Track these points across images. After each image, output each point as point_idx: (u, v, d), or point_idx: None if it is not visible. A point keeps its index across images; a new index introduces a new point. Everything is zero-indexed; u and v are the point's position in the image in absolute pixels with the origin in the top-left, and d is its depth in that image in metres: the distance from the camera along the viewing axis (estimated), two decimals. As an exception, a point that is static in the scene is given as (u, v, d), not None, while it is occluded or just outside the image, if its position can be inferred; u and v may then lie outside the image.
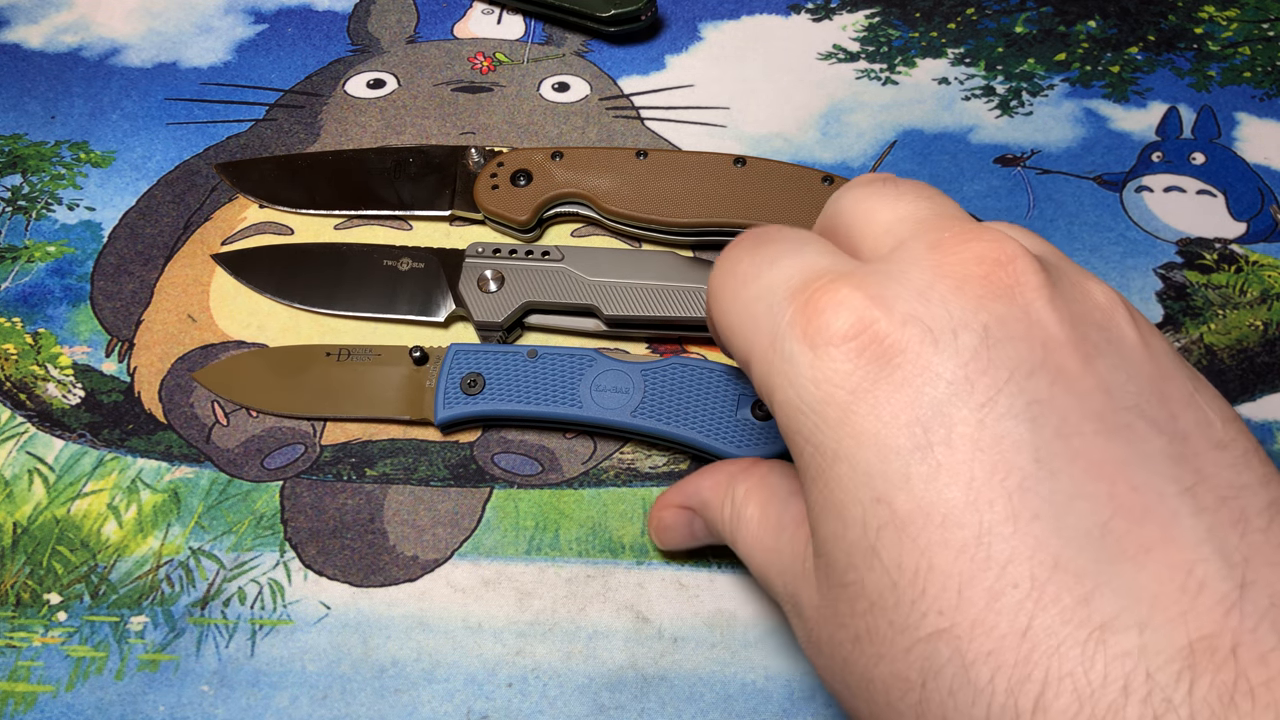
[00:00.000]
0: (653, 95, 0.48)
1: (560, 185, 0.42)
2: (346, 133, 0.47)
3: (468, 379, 0.36)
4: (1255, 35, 0.50)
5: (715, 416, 0.34)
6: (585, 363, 0.36)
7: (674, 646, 0.34)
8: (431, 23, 0.52)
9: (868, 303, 0.22)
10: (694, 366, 0.35)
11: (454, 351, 0.37)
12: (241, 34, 0.51)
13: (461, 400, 0.36)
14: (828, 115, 0.48)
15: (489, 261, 0.40)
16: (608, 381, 0.35)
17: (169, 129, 0.48)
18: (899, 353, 0.21)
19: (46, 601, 0.35)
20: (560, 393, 0.35)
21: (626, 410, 0.35)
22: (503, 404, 0.36)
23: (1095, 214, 0.44)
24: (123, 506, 0.37)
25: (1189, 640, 0.18)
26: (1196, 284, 0.42)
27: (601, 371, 0.35)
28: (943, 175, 0.45)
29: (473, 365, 0.37)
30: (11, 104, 0.49)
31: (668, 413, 0.35)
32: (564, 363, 0.36)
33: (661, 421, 0.34)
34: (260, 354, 0.39)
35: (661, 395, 0.35)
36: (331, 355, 0.38)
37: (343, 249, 0.42)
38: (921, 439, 0.20)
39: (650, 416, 0.35)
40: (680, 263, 0.40)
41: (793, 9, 0.52)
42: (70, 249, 0.44)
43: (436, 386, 0.37)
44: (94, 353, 0.41)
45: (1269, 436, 0.38)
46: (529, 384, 0.36)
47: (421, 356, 0.37)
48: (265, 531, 0.36)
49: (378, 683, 0.33)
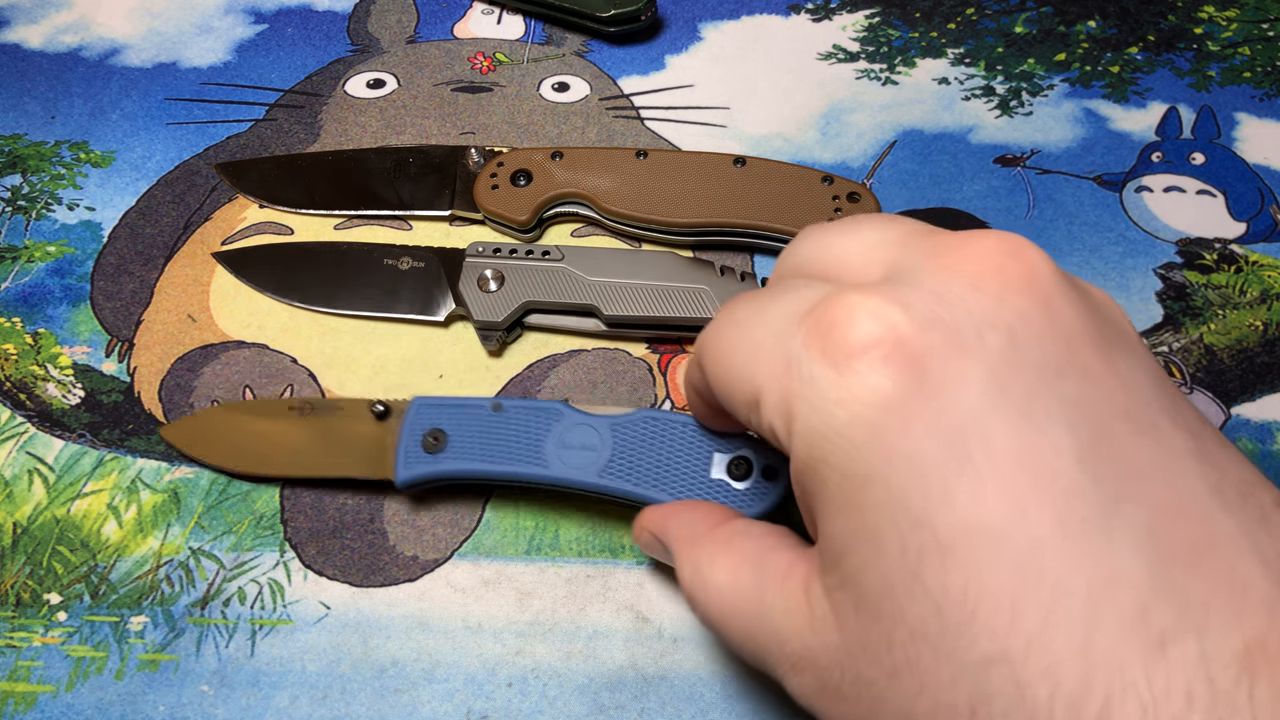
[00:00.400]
0: (653, 95, 0.48)
1: (560, 185, 0.42)
2: (346, 133, 0.47)
3: (430, 435, 0.34)
4: (1255, 35, 0.50)
5: (688, 477, 0.32)
6: (551, 417, 0.34)
7: (674, 646, 0.34)
8: (431, 23, 0.52)
9: (885, 304, 0.21)
10: (665, 421, 0.33)
11: (416, 407, 0.35)
12: (241, 34, 0.51)
13: (423, 459, 0.34)
14: (828, 115, 0.48)
15: (489, 261, 0.40)
16: (575, 438, 0.33)
17: (169, 129, 0.48)
18: (925, 358, 0.20)
19: (46, 601, 0.35)
20: (525, 450, 0.33)
21: (594, 470, 0.33)
22: (465, 463, 0.34)
23: (1095, 214, 0.44)
24: (123, 506, 0.37)
25: (1244, 643, 0.17)
26: (1196, 284, 0.42)
27: (569, 427, 0.33)
28: (943, 175, 0.45)
29: (435, 421, 0.34)
30: (11, 104, 0.49)
31: (637, 472, 0.32)
32: (529, 417, 0.34)
33: (631, 482, 0.32)
34: (225, 410, 0.38)
35: (631, 452, 0.33)
36: (294, 409, 0.37)
37: (343, 248, 0.42)
38: (960, 452, 0.19)
39: (619, 476, 0.32)
40: (680, 263, 0.40)
41: (793, 9, 0.52)
42: (70, 249, 0.44)
43: (398, 445, 0.35)
44: (94, 353, 0.41)
45: (1269, 436, 0.38)
46: (493, 441, 0.34)
47: (384, 412, 0.35)
48: (265, 531, 0.36)
49: (378, 683, 0.33)
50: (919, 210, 0.44)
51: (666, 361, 0.40)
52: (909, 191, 0.45)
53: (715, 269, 0.39)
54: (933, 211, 0.44)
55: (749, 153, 0.45)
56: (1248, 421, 0.38)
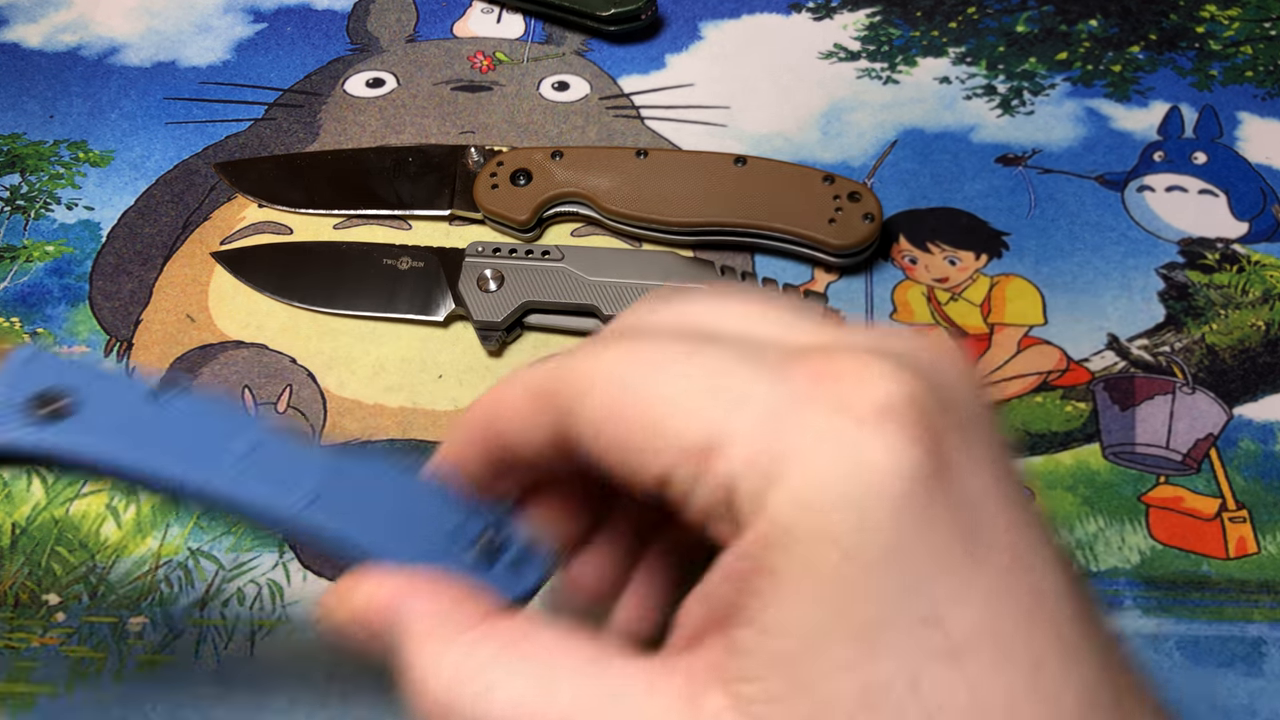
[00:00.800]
0: (653, 95, 0.48)
1: (560, 185, 0.42)
2: (346, 132, 0.47)
3: (41, 397, 0.23)
4: (1257, 34, 0.50)
5: (429, 542, 0.23)
6: (236, 429, 0.23)
7: (674, 647, 0.34)
8: (431, 22, 0.52)
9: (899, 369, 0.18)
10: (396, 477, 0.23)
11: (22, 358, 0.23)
12: (240, 33, 0.51)
13: (17, 424, 0.22)
14: (828, 114, 0.47)
15: (489, 261, 0.40)
16: (267, 467, 0.23)
17: (168, 128, 0.47)
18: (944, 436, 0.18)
19: (45, 602, 0.35)
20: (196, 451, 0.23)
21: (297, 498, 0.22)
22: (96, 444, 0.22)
23: (1097, 214, 0.44)
24: (121, 507, 0.37)
25: None
26: (1198, 284, 0.42)
27: (257, 447, 0.23)
28: (944, 174, 0.45)
29: (55, 380, 0.23)
30: (10, 103, 0.49)
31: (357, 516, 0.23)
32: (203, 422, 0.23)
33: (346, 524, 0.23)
34: None
35: (354, 490, 0.23)
36: None
37: (342, 248, 0.42)
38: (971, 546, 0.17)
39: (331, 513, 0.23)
40: (680, 263, 0.39)
41: (793, 8, 0.52)
42: (69, 249, 0.44)
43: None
44: (93, 352, 0.41)
45: (1271, 437, 0.38)
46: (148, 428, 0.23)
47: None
48: (264, 532, 0.36)
49: (378, 683, 0.33)
50: (920, 210, 0.44)
51: (667, 361, 0.40)
52: (910, 191, 0.45)
53: (715, 269, 0.39)
54: (934, 211, 0.44)
55: (749, 152, 0.45)
56: (1250, 421, 0.38)
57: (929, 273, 0.42)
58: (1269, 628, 0.34)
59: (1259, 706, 0.32)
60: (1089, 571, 0.35)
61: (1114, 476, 0.37)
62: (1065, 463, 0.37)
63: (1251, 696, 0.33)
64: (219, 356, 0.40)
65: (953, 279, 0.42)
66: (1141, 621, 0.34)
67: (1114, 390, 0.39)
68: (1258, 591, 0.35)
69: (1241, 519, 0.36)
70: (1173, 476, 0.37)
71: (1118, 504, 0.36)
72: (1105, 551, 0.35)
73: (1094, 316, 0.41)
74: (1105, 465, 0.37)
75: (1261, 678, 0.33)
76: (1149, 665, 0.33)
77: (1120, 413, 0.38)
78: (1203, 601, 0.35)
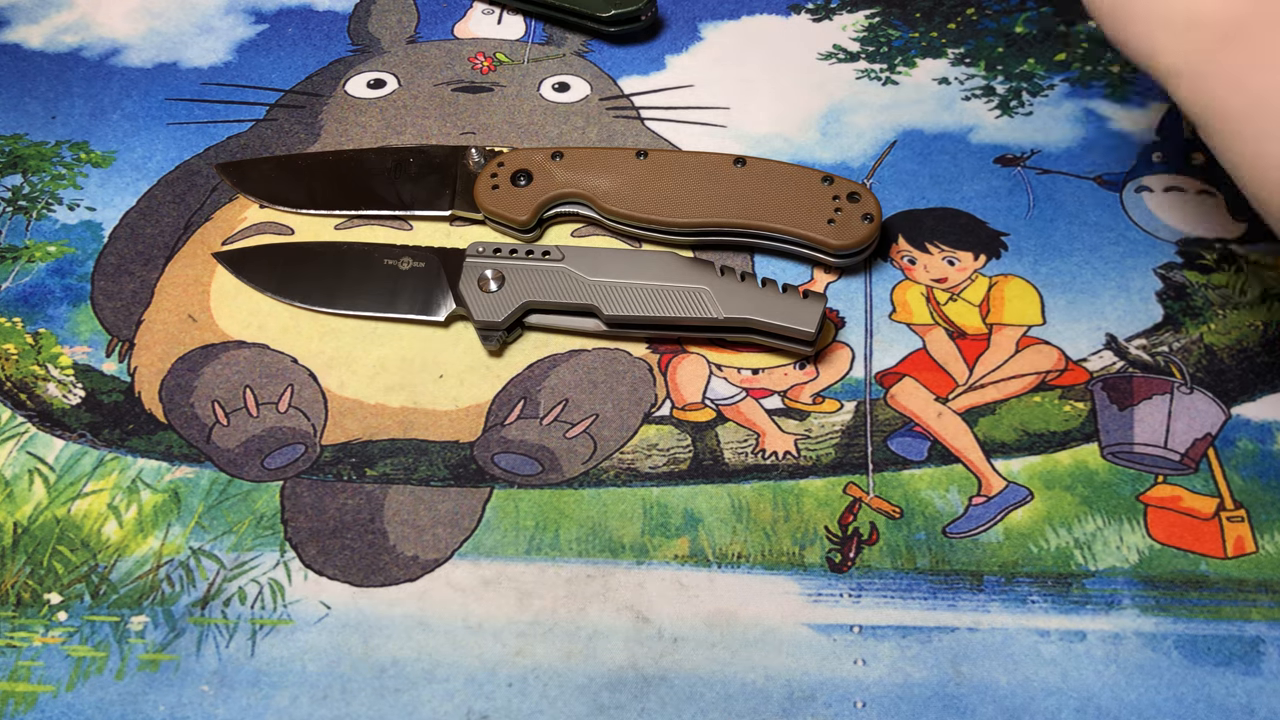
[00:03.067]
0: (653, 95, 0.48)
1: (560, 185, 0.42)
2: (347, 133, 0.47)
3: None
4: (1255, 35, 0.50)
5: None
6: None
7: (674, 646, 0.34)
8: (432, 23, 0.52)
9: None
10: None
11: None
12: (242, 34, 0.51)
13: None
14: (828, 115, 0.48)
15: (489, 261, 0.40)
16: None
17: (169, 129, 0.48)
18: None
19: (47, 601, 0.35)
20: None
21: None
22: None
23: (1095, 214, 0.44)
24: (123, 506, 0.37)
25: None
26: (1196, 284, 0.42)
27: None
28: (943, 175, 0.45)
29: None
30: (12, 104, 0.49)
31: None
32: None
33: None
34: None
35: None
36: None
37: (343, 248, 0.43)
38: None
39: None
40: (680, 263, 0.40)
41: (793, 9, 0.52)
42: (71, 249, 0.44)
43: None
44: (94, 353, 0.41)
45: (1269, 436, 0.38)
46: None
47: None
48: (265, 531, 0.36)
49: (378, 682, 0.33)
50: (919, 210, 0.44)
51: (666, 361, 0.40)
52: (909, 191, 0.45)
53: (715, 269, 0.39)
54: (933, 211, 0.44)
55: (749, 153, 0.45)
56: (1248, 421, 0.38)
57: (928, 273, 0.42)
58: (1267, 627, 0.34)
59: (1257, 705, 0.32)
60: (1087, 571, 0.35)
61: (1112, 476, 0.37)
62: (1063, 462, 0.38)
63: (1249, 696, 0.33)
64: (220, 356, 0.40)
65: (951, 279, 0.42)
66: (1140, 621, 0.34)
67: (1112, 390, 0.39)
68: (1256, 591, 0.35)
69: (1239, 518, 0.36)
70: (1171, 476, 0.37)
71: (1116, 503, 0.37)
72: (1103, 551, 0.36)
73: (1092, 316, 0.41)
74: (1103, 465, 0.37)
75: (1259, 677, 0.33)
76: (1147, 664, 0.33)
77: (1118, 412, 0.39)
78: (1201, 601, 0.35)
